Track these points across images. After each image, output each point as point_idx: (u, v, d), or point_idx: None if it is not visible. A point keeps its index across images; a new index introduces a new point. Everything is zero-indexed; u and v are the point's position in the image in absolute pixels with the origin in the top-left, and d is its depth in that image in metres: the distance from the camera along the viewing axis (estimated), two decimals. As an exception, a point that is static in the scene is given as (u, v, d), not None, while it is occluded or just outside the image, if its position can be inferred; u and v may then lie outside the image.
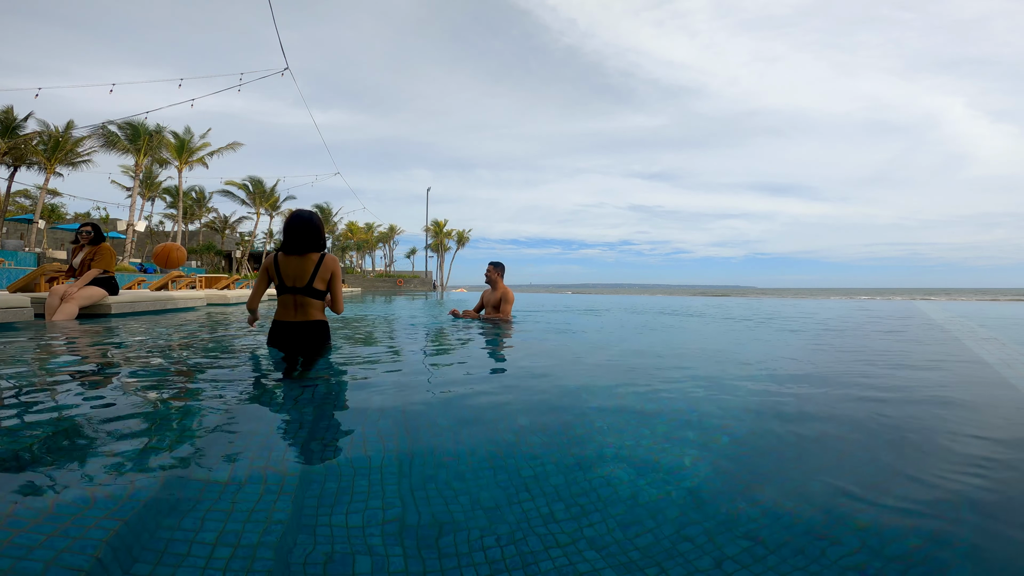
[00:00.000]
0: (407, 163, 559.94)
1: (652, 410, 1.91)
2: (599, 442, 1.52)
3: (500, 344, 3.88)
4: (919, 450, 1.53)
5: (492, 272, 5.65)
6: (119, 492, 1.09)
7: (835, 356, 3.66)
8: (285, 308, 2.89)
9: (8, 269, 12.43)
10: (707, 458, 1.41)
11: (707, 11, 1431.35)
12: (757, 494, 1.19)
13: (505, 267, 5.70)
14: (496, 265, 5.68)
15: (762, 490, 1.22)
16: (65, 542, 0.89)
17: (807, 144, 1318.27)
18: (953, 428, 1.80)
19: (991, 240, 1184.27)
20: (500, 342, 3.97)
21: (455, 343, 3.91)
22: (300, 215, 2.90)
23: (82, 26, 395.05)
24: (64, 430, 1.49)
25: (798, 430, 1.71)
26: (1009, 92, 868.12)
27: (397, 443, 1.47)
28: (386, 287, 42.21)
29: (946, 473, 1.33)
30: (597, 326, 5.87)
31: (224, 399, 1.92)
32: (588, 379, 2.52)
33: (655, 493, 1.17)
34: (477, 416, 1.76)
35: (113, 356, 3.03)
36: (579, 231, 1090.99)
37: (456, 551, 0.92)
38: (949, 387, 2.56)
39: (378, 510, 1.05)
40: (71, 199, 38.30)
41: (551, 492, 1.16)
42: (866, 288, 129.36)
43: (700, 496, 1.17)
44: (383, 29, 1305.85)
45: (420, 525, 1.01)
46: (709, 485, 1.24)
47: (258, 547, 0.91)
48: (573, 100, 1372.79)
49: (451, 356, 3.34)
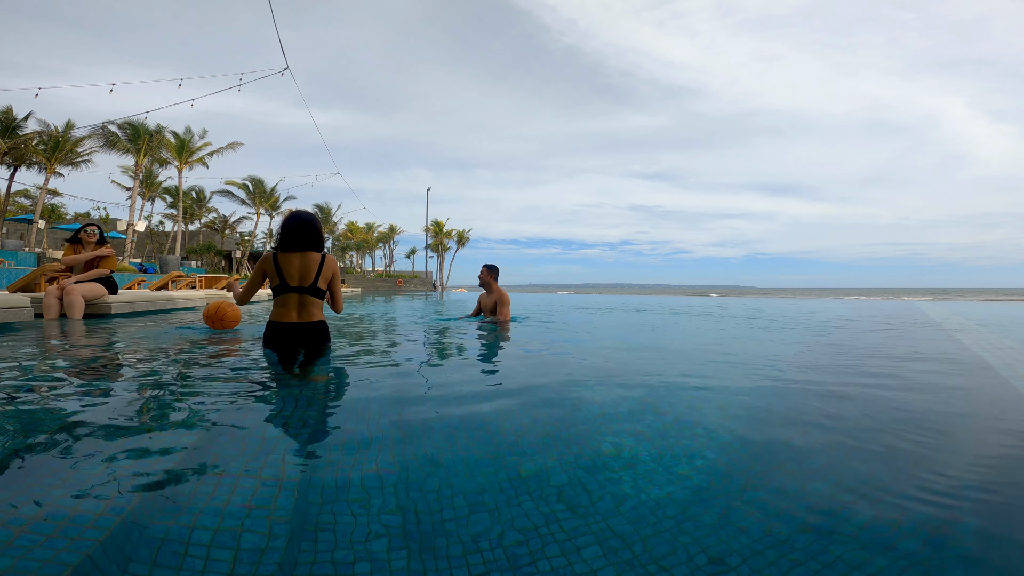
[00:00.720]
0: (407, 163, 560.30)
1: (652, 410, 1.91)
2: (600, 442, 1.52)
3: (499, 344, 3.87)
4: (919, 449, 1.53)
5: (486, 275, 5.50)
6: (118, 491, 1.08)
7: (835, 355, 3.66)
8: (286, 308, 2.85)
9: (8, 269, 12.43)
10: (708, 457, 1.41)
11: (707, 11, 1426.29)
12: (757, 494, 1.19)
13: (499, 269, 5.56)
14: (490, 268, 5.52)
15: (763, 490, 1.22)
16: (63, 542, 0.89)
17: (807, 144, 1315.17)
18: (953, 426, 1.80)
19: (991, 240, 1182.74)
20: (499, 342, 3.97)
21: (455, 343, 3.91)
22: (300, 215, 2.90)
23: (82, 26, 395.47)
24: (65, 430, 1.49)
25: (799, 429, 1.71)
26: (1009, 92, 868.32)
27: (397, 442, 1.47)
28: (386, 287, 42.22)
29: (946, 473, 1.33)
30: (597, 325, 5.87)
31: (223, 399, 1.92)
32: (588, 379, 2.52)
33: (656, 493, 1.17)
34: (477, 416, 1.76)
35: (112, 356, 3.03)
36: (579, 231, 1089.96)
37: (448, 552, 0.92)
38: (949, 386, 2.55)
39: (378, 511, 1.05)
40: (71, 199, 38.32)
41: (551, 492, 1.16)
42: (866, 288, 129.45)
43: (701, 496, 1.17)
44: (383, 29, 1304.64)
45: (420, 526, 1.00)
46: (711, 484, 1.24)
47: (263, 551, 0.91)
48: (573, 100, 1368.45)
49: (451, 356, 3.33)
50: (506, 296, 5.51)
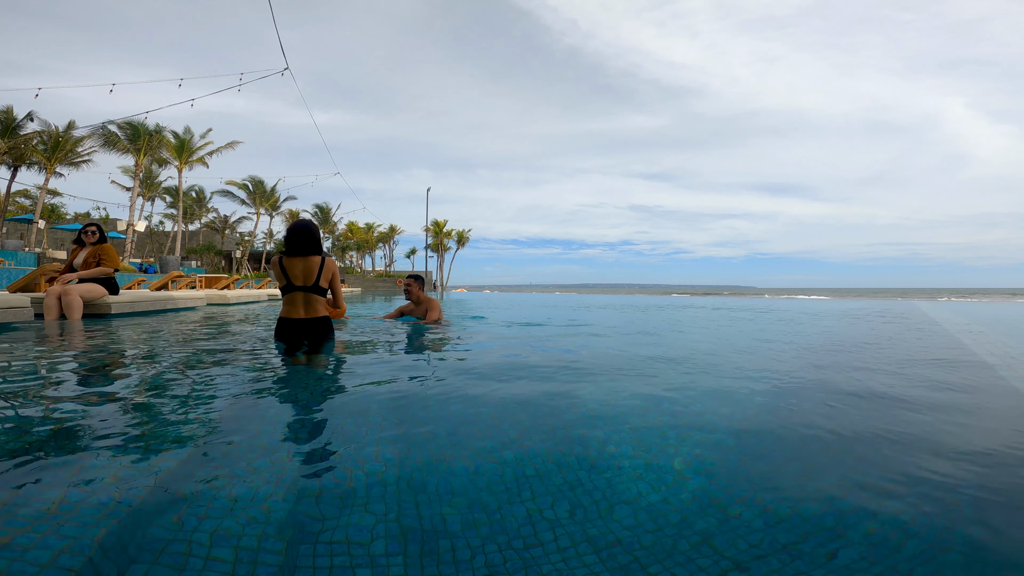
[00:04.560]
0: (407, 163, 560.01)
1: (652, 408, 1.90)
2: (600, 441, 1.51)
3: (498, 344, 3.87)
4: (920, 448, 1.53)
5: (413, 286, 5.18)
6: (118, 491, 1.08)
7: (834, 355, 3.65)
8: (292, 306, 3.17)
9: (8, 269, 12.43)
10: (709, 457, 1.40)
11: (708, 12, 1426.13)
12: (758, 492, 1.19)
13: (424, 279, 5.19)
14: (416, 278, 5.22)
15: (764, 488, 1.21)
16: (64, 543, 0.89)
17: (807, 144, 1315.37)
18: (954, 424, 1.80)
19: (991, 240, 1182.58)
20: (498, 342, 3.96)
21: (453, 344, 3.91)
22: (301, 223, 3.28)
23: (82, 26, 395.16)
24: (64, 429, 1.49)
25: (799, 428, 1.70)
26: (1009, 92, 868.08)
27: (396, 443, 1.46)
28: (386, 287, 42.20)
29: (947, 472, 1.32)
30: (596, 324, 5.87)
31: (223, 398, 1.91)
32: (588, 378, 2.51)
33: (656, 495, 1.17)
34: (477, 415, 1.76)
35: (113, 356, 3.03)
36: (579, 231, 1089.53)
37: (454, 558, 0.92)
38: (951, 386, 2.55)
39: (378, 511, 1.05)
40: (71, 199, 38.24)
41: (553, 493, 1.15)
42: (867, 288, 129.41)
43: (702, 494, 1.17)
44: (384, 29, 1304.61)
45: (421, 528, 1.00)
46: (712, 484, 1.24)
47: (259, 550, 0.90)
48: (574, 100, 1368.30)
49: (450, 356, 3.33)
50: (436, 303, 5.25)
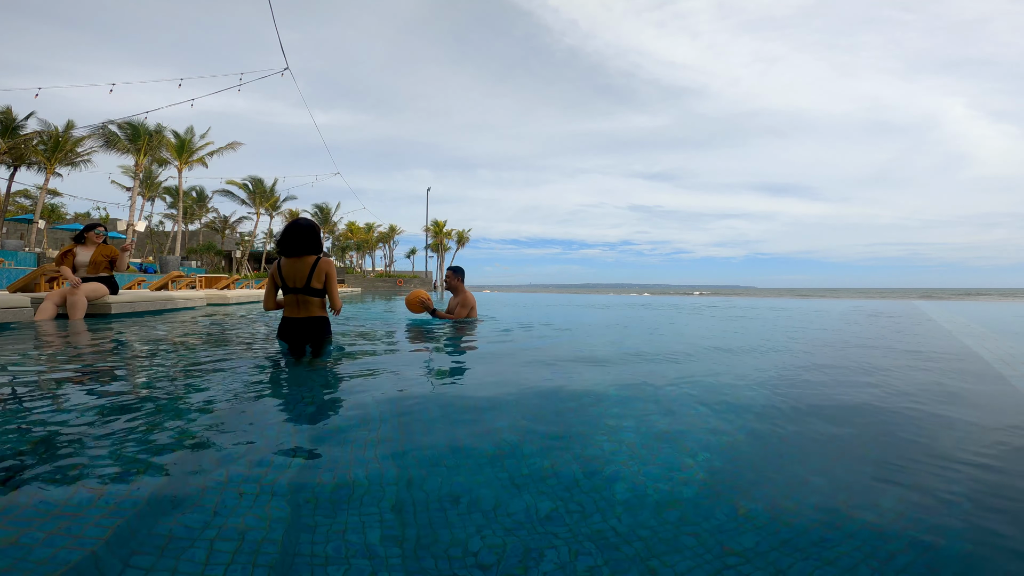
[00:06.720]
0: (408, 163, 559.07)
1: (652, 407, 1.91)
2: (601, 441, 1.52)
3: (498, 344, 3.87)
4: (919, 448, 1.53)
5: (452, 278, 5.26)
6: (119, 490, 1.08)
7: (836, 353, 3.66)
8: (291, 307, 3.19)
9: (8, 269, 12.43)
10: (709, 456, 1.41)
11: (709, 12, 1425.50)
12: (758, 493, 1.19)
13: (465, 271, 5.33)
14: (456, 270, 5.28)
15: (764, 489, 1.22)
16: (66, 540, 0.89)
17: (807, 144, 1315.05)
18: (953, 423, 1.80)
19: (991, 240, 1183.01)
20: (497, 342, 3.97)
21: (453, 343, 3.92)
22: (297, 222, 3.16)
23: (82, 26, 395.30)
24: (64, 429, 1.49)
25: (799, 428, 1.71)
26: (1009, 92, 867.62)
27: (396, 442, 1.47)
28: (386, 287, 42.21)
29: (947, 471, 1.33)
30: (596, 322, 5.87)
31: (223, 398, 1.92)
32: (588, 378, 2.52)
33: (657, 494, 1.17)
34: (476, 415, 1.76)
35: (113, 355, 3.03)
36: (579, 231, 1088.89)
37: (448, 555, 0.92)
38: (951, 385, 2.56)
39: (378, 512, 1.05)
40: (71, 199, 38.24)
41: (552, 490, 1.16)
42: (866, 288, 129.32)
43: (702, 494, 1.17)
44: (385, 29, 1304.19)
45: (419, 525, 1.01)
46: (713, 483, 1.24)
47: (260, 545, 0.91)
48: (574, 100, 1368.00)
49: (450, 356, 3.34)
50: (471, 298, 5.28)
